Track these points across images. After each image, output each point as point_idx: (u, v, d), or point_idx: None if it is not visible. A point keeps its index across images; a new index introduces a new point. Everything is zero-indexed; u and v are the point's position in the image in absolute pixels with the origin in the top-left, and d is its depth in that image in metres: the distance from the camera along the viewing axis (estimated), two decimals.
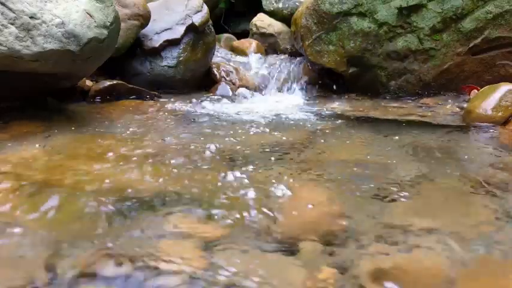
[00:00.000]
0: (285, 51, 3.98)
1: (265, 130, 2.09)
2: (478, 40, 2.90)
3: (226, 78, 3.28)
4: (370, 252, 1.02)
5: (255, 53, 3.88)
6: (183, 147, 1.78)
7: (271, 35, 4.12)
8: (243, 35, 4.41)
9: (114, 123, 2.14)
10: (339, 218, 1.19)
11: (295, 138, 1.96)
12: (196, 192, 1.33)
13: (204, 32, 3.22)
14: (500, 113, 2.24)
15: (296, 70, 3.37)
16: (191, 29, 3.11)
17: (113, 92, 2.63)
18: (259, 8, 4.39)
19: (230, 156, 1.69)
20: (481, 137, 2.05)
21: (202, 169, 1.54)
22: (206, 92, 3.12)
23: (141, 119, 2.23)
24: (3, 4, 1.77)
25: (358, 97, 3.10)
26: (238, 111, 2.57)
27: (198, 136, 1.96)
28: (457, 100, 2.87)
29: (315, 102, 2.97)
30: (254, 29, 4.22)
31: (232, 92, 3.10)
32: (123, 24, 2.59)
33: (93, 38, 1.98)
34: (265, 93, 3.25)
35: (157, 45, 3.01)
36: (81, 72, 2.31)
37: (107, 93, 2.61)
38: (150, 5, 3.09)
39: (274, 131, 2.09)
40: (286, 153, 1.73)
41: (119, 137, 1.88)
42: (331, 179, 1.48)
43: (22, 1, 1.81)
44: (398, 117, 2.44)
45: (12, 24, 1.78)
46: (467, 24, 2.88)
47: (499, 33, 2.86)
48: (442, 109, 2.67)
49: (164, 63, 3.02)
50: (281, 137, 1.98)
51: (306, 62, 3.38)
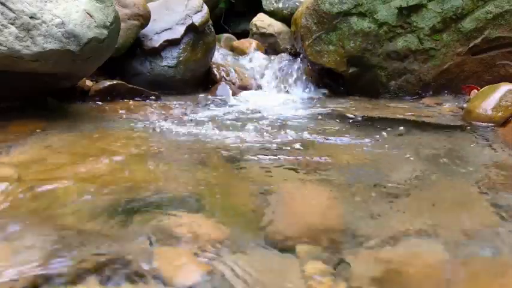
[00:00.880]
0: (285, 51, 3.97)
1: (265, 130, 2.09)
2: (478, 40, 2.90)
3: (227, 78, 3.28)
4: (370, 252, 1.02)
5: (255, 52, 3.87)
6: (183, 147, 1.78)
7: (271, 35, 4.12)
8: (243, 35, 4.41)
9: (114, 123, 2.14)
10: (339, 218, 1.19)
11: (295, 138, 1.96)
12: (196, 192, 1.33)
13: (204, 32, 3.23)
14: (500, 113, 2.24)
15: (296, 70, 3.37)
16: (191, 29, 3.11)
17: (113, 92, 2.63)
18: (259, 8, 4.38)
19: (230, 156, 1.69)
20: (481, 136, 2.05)
21: (202, 169, 1.54)
22: (206, 91, 3.12)
23: (141, 119, 2.24)
24: (3, 4, 1.77)
25: (358, 97, 3.10)
26: (238, 111, 2.57)
27: (198, 136, 1.96)
28: (457, 100, 2.87)
29: (315, 102, 2.97)
30: (254, 29, 4.22)
31: (232, 91, 3.10)
32: (123, 24, 2.59)
33: (93, 38, 1.98)
34: (265, 93, 3.25)
35: (157, 45, 3.01)
36: (81, 72, 2.32)
37: (107, 93, 2.61)
38: (150, 5, 3.09)
39: (274, 130, 2.09)
40: (287, 154, 1.73)
41: (119, 137, 1.88)
42: (331, 179, 1.48)
43: (22, 1, 1.81)
44: (398, 117, 2.44)
45: (12, 24, 1.79)
46: (467, 24, 2.88)
47: (499, 33, 2.86)
48: (442, 109, 2.67)
49: (164, 63, 3.02)
50: (281, 136, 1.98)
51: (306, 62, 3.38)
